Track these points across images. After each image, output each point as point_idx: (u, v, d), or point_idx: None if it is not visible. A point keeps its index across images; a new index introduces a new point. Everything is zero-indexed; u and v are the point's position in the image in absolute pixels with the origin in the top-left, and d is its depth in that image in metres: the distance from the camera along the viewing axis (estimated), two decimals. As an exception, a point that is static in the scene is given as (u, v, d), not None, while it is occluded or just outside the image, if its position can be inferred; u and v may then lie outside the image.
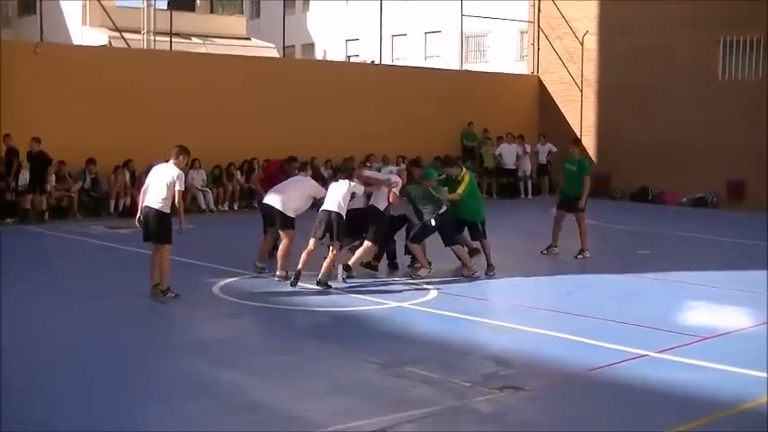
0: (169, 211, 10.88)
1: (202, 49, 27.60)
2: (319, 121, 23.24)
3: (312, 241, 11.92)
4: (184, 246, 14.32)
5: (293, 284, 11.70)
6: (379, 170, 17.47)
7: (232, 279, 12.36)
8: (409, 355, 8.70)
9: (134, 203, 19.72)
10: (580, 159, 15.34)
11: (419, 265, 12.86)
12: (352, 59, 40.90)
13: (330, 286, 11.77)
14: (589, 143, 27.87)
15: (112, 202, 19.74)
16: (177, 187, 10.83)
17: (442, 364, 8.39)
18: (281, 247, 12.28)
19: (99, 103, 20.13)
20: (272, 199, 12.30)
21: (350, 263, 12.33)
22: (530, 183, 26.49)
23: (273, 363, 8.44)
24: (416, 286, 12.18)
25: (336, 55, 41.67)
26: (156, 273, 11.02)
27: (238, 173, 21.83)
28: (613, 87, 27.04)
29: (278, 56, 29.55)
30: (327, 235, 11.82)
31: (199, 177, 21.07)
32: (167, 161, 11.04)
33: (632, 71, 26.38)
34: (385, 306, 11.01)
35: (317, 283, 11.75)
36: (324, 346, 9.07)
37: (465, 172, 13.43)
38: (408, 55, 38.89)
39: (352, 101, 24.49)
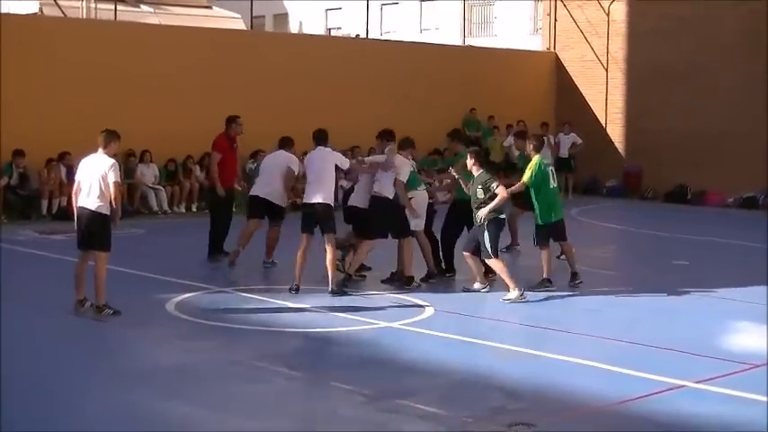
0: (108, 212, 10.84)
1: (154, 20, 27.53)
2: (294, 106, 23.19)
3: (304, 238, 12.34)
4: (131, 254, 14.33)
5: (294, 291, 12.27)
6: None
7: (189, 294, 12.33)
8: (401, 386, 8.68)
9: (70, 204, 19.71)
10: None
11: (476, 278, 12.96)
12: (333, 33, 40.91)
13: (346, 292, 12.15)
14: (615, 132, 27.99)
15: (44, 203, 19.67)
16: (111, 179, 10.76)
17: (439, 396, 8.37)
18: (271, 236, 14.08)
19: (28, 83, 20.04)
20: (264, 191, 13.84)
21: (348, 270, 12.80)
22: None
23: (237, 394, 8.40)
24: (408, 302, 12.18)
25: (315, 27, 41.67)
26: (82, 285, 10.98)
27: (197, 168, 21.78)
28: (645, 67, 27.15)
29: (244, 28, 29.51)
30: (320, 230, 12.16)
31: (150, 173, 21.04)
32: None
33: (668, 47, 26.48)
34: (372, 326, 10.98)
35: (332, 293, 12.08)
36: (298, 375, 9.04)
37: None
38: (400, 28, 38.94)
39: (332, 82, 24.47)
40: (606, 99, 28.17)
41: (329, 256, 12.22)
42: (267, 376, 9.05)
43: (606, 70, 28.19)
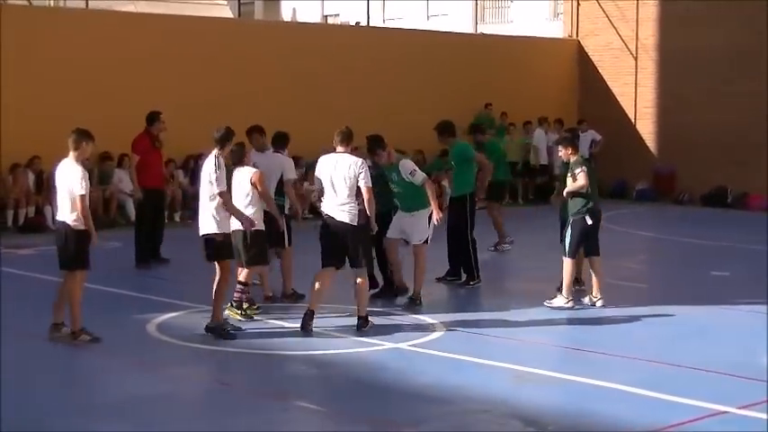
0: (83, 226, 10.80)
1: (130, 8, 27.64)
2: (286, 102, 23.23)
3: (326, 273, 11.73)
4: (107, 270, 14.33)
5: (306, 329, 11.53)
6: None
7: (173, 314, 12.35)
8: (409, 414, 8.69)
9: (39, 214, 19.78)
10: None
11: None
12: (330, 20, 40.95)
13: (368, 323, 11.68)
14: (645, 128, 27.97)
15: (10, 213, 19.65)
16: (77, 192, 10.67)
17: (453, 426, 8.39)
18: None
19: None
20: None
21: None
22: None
23: (226, 428, 8.41)
24: (417, 320, 12.19)
25: (309, 14, 41.73)
26: (62, 308, 10.95)
27: (180, 173, 21.80)
28: (679, 55, 27.13)
29: (231, 16, 29.58)
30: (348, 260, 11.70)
31: (128, 179, 20.95)
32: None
33: (704, 32, 26.44)
34: (377, 348, 10.99)
35: (359, 329, 11.59)
36: (295, 404, 9.05)
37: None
38: (405, 14, 38.96)
39: (329, 76, 24.50)
40: (635, 92, 28.17)
41: (360, 286, 11.77)
42: (261, 406, 9.06)
43: (635, 59, 28.19)
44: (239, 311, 11.98)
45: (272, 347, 11.02)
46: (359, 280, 11.59)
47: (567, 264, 12.97)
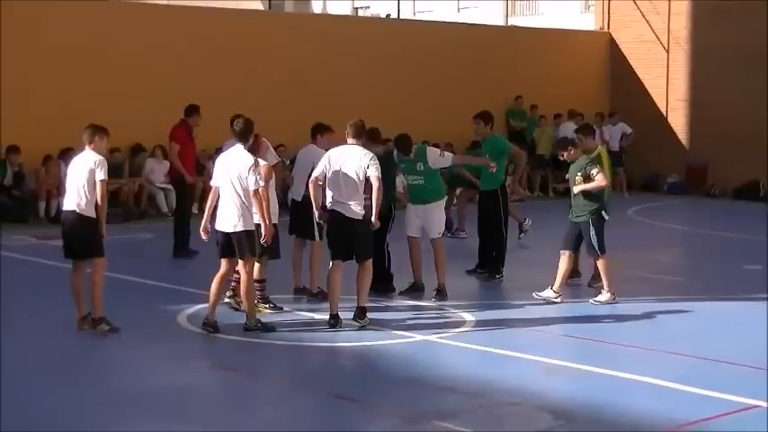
0: (95, 215, 10.88)
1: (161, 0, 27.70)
2: (316, 94, 23.24)
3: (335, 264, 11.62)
4: (138, 260, 14.42)
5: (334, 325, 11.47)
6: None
7: (204, 305, 12.35)
8: (439, 406, 8.71)
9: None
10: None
11: (600, 284, 13.19)
12: (360, 13, 40.95)
13: (365, 316, 11.54)
14: (677, 122, 27.85)
15: (42, 204, 19.81)
16: (98, 177, 10.80)
17: (481, 417, 8.40)
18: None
19: (22, 71, 20.14)
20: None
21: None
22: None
23: (259, 418, 8.45)
24: (446, 313, 12.20)
25: (340, 7, 41.76)
26: (83, 300, 10.98)
27: (211, 164, 21.85)
28: (712, 48, 26.96)
29: (262, 8, 29.62)
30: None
31: (160, 170, 21.02)
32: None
33: (738, 25, 26.28)
34: (407, 340, 11.02)
35: (355, 318, 11.48)
36: (326, 395, 9.08)
37: (599, 148, 13.87)
38: (435, 7, 38.94)
39: (359, 67, 24.51)
40: (667, 85, 28.04)
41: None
42: (291, 397, 9.10)
43: (667, 52, 28.05)
44: (267, 306, 12.00)
45: (303, 339, 11.07)
46: (362, 271, 11.55)
47: (603, 262, 12.92)
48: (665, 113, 28.04)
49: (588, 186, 12.83)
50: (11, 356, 10.02)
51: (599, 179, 12.81)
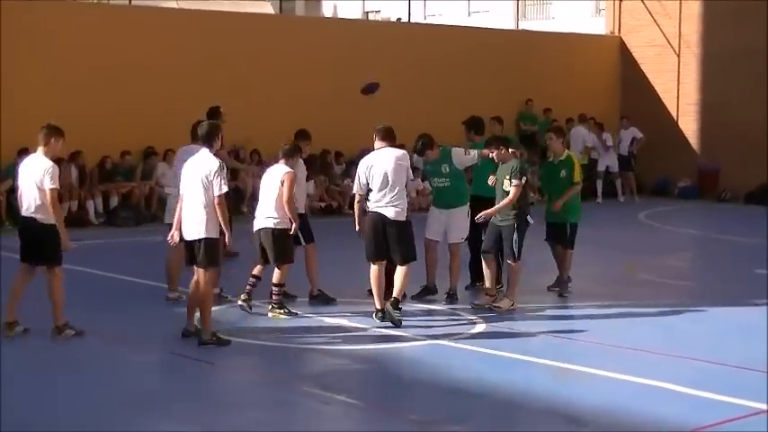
0: (53, 221, 10.65)
1: (171, 4, 27.80)
2: (327, 98, 23.28)
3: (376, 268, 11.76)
4: (147, 263, 14.41)
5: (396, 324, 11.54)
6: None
7: (215, 308, 12.31)
8: (450, 410, 8.71)
9: (82, 208, 19.93)
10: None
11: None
12: (371, 17, 41.00)
13: (399, 309, 11.65)
14: (688, 126, 27.81)
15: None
16: (47, 185, 10.51)
17: (494, 422, 8.39)
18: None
19: (32, 74, 20.22)
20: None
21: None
22: (618, 181, 26.31)
23: (260, 421, 8.46)
24: (457, 317, 12.20)
25: (350, 11, 41.81)
26: (14, 305, 10.78)
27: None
28: (723, 52, 26.94)
29: (273, 12, 29.67)
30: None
31: (170, 173, 21.03)
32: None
33: (749, 28, 26.25)
34: (417, 343, 11.01)
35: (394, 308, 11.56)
36: (332, 398, 9.07)
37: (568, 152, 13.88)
38: (446, 11, 38.96)
39: (369, 72, 24.49)
40: (678, 89, 28.01)
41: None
42: (302, 400, 9.10)
43: (678, 56, 28.02)
44: (282, 311, 12.00)
45: (314, 342, 11.08)
46: (401, 267, 11.63)
47: (519, 267, 12.58)
48: (675, 117, 28.02)
49: (503, 203, 12.42)
50: (11, 357, 10.05)
51: (513, 193, 12.35)
